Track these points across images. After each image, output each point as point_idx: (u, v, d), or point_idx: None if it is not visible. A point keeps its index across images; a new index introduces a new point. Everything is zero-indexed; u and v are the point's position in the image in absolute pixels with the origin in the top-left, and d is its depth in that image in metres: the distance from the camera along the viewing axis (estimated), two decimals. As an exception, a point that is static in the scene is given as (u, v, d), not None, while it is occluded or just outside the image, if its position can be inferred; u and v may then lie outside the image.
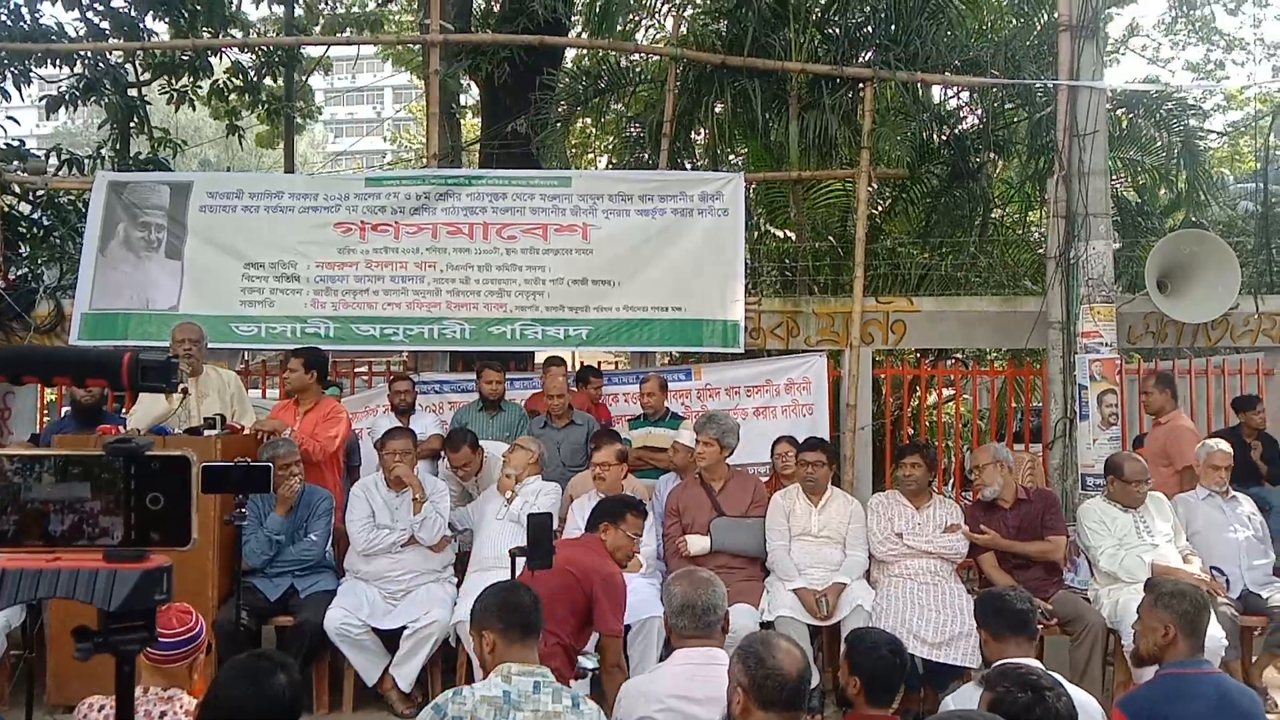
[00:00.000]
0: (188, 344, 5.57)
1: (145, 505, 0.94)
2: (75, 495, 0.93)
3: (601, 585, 4.01)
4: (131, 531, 0.94)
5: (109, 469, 0.94)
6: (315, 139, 39.79)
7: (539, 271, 7.64)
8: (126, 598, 0.89)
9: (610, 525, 4.27)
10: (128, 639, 0.92)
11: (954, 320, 7.87)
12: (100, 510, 0.93)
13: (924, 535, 5.28)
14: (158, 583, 0.92)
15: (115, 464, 0.95)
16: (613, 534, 4.26)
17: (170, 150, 10.69)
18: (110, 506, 0.93)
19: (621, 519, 4.28)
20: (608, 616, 4.00)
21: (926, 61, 8.20)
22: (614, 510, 4.34)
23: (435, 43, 7.91)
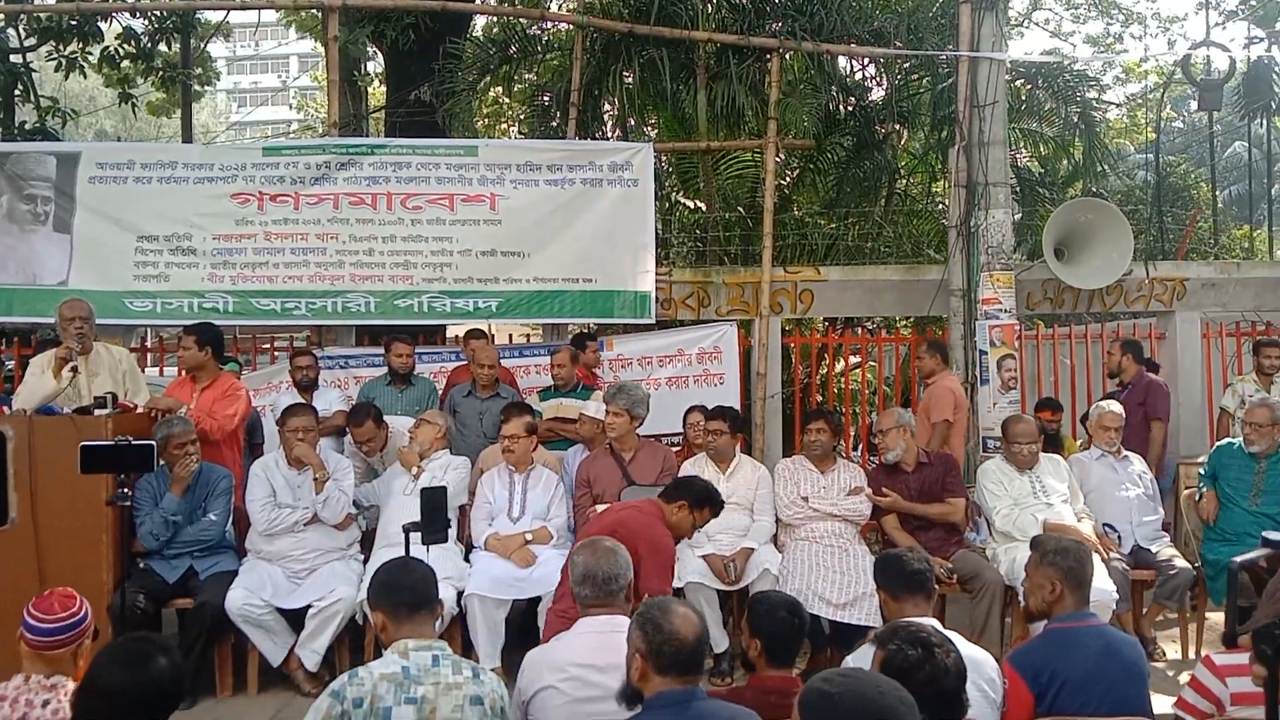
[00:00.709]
0: (78, 321, 5.35)
1: (-41, 482, 0.88)
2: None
3: (648, 547, 4.01)
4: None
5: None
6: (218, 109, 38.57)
7: (446, 243, 7.53)
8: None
9: (689, 507, 4.26)
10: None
11: (860, 289, 8.00)
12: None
13: (829, 498, 5.37)
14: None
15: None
16: (683, 515, 4.25)
17: (60, 120, 10.22)
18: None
19: (701, 509, 4.29)
20: (651, 578, 3.99)
21: (832, 32, 8.26)
22: (700, 498, 4.31)
23: (334, 7, 7.69)
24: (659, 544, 4.11)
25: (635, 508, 4.31)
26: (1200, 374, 8.19)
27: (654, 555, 4.03)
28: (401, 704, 2.65)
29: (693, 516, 4.27)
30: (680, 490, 4.34)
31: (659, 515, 4.23)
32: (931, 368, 6.74)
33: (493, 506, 5.47)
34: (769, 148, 7.85)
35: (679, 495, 4.30)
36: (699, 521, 4.32)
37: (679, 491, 4.33)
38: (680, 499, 4.27)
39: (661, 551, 4.11)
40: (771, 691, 3.03)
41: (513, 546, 5.24)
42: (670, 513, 4.24)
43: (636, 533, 4.03)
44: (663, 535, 4.16)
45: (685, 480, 4.51)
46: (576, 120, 8.03)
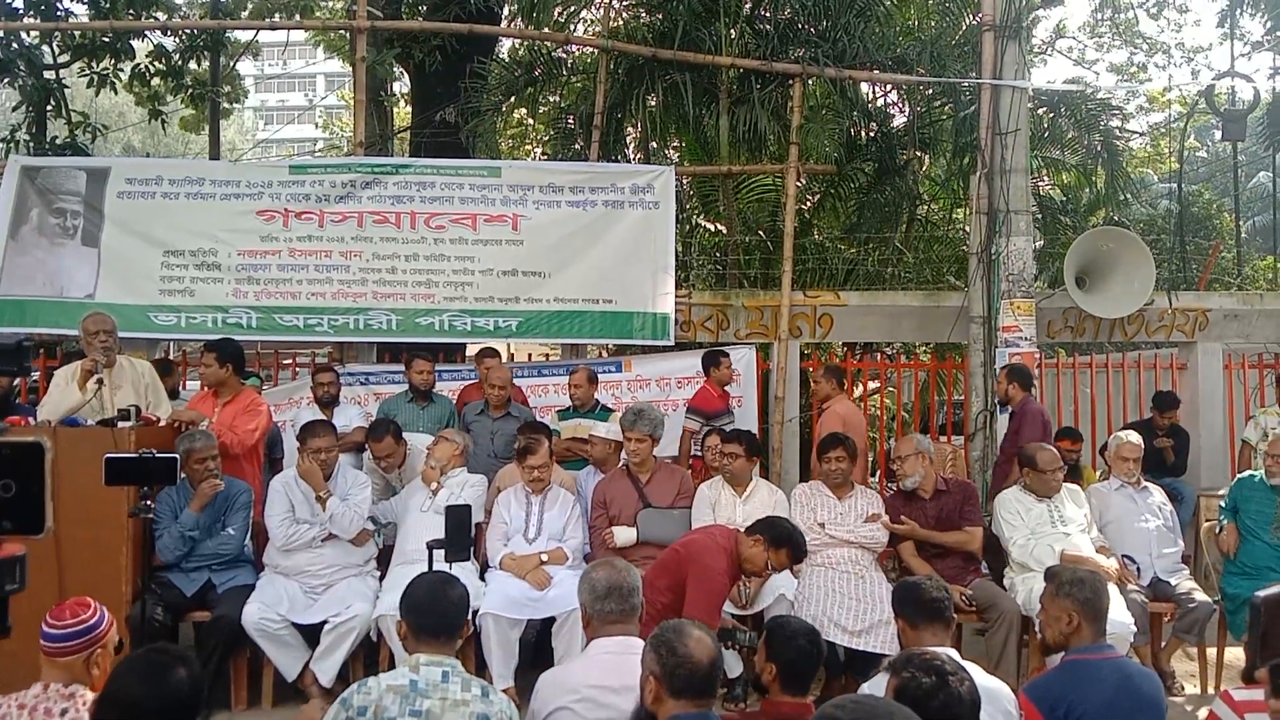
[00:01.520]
0: (102, 335, 5.41)
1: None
2: (-91, 483, 0.89)
3: (696, 573, 4.05)
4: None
5: (-47, 456, 0.91)
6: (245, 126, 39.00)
7: (468, 262, 7.57)
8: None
9: (765, 543, 4.22)
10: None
11: (879, 314, 8.00)
12: (-57, 497, 0.90)
13: (846, 525, 5.35)
14: (9, 572, 0.89)
15: (-41, 451, 0.92)
16: (757, 551, 4.21)
17: (90, 135, 10.38)
18: (-47, 493, 0.90)
19: (778, 550, 4.23)
20: (692, 604, 4.02)
21: (854, 58, 8.31)
22: (780, 538, 4.25)
23: (362, 29, 7.80)
24: (708, 572, 4.10)
25: (707, 533, 4.32)
26: (1222, 406, 8.14)
27: (699, 583, 4.03)
28: (406, 715, 2.68)
29: (768, 555, 4.20)
30: (764, 525, 4.30)
31: (726, 545, 4.20)
32: (827, 392, 6.76)
33: (509, 526, 5.48)
34: (790, 172, 7.88)
35: (759, 529, 4.26)
36: (775, 562, 4.24)
37: (762, 525, 4.29)
38: (759, 534, 4.23)
39: (707, 580, 4.09)
40: (785, 718, 3.02)
41: (528, 567, 5.24)
42: (746, 544, 4.20)
43: (692, 557, 4.07)
44: (716, 565, 4.13)
45: (775, 519, 4.44)
46: (599, 143, 8.09)
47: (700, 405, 6.83)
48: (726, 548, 4.21)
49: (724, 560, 4.18)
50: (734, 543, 4.25)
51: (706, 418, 6.70)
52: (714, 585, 4.13)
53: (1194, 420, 7.87)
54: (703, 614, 4.00)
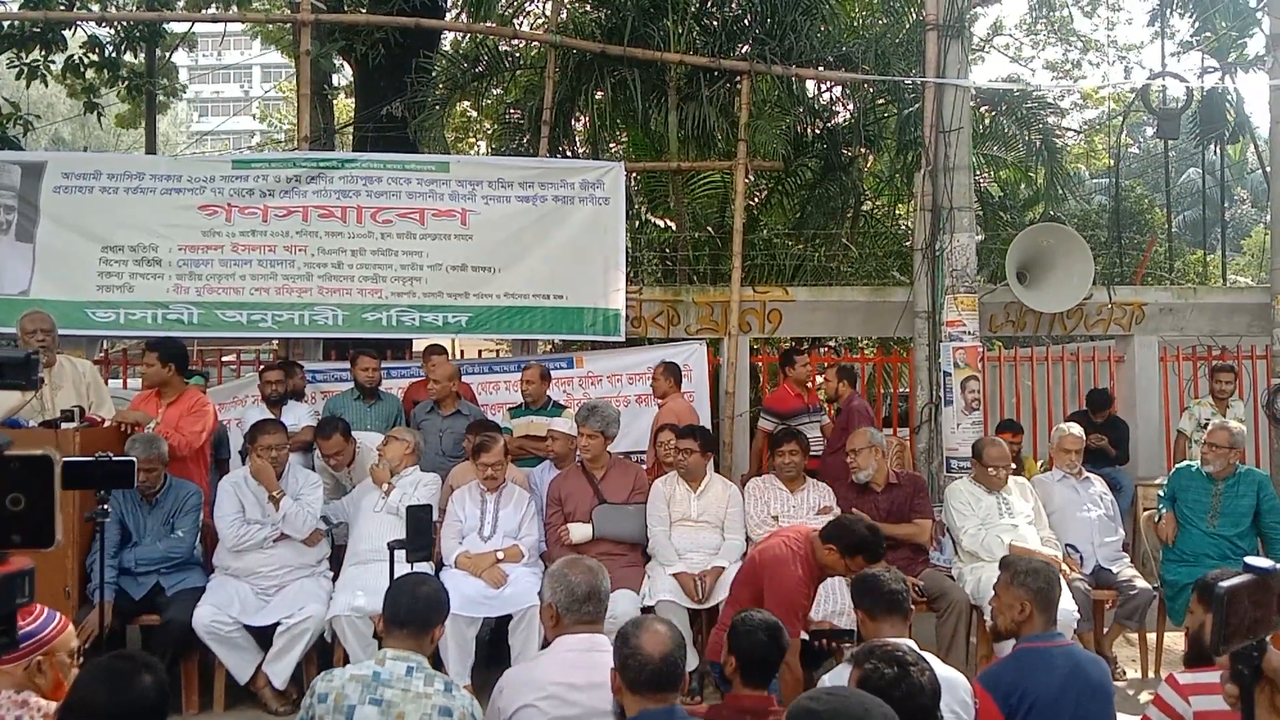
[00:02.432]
0: (40, 334, 5.28)
1: (4, 506, 0.90)
2: (-76, 496, 0.88)
3: (772, 585, 4.09)
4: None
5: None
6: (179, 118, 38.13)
7: (416, 257, 7.50)
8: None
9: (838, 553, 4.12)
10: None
11: (827, 309, 8.10)
12: (-47, 511, 0.89)
13: (798, 517, 5.41)
14: (19, 586, 0.88)
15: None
16: (835, 559, 4.13)
17: (20, 127, 10.08)
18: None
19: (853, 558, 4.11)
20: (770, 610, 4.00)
21: (801, 56, 8.38)
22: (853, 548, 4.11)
23: (306, 22, 7.67)
24: (784, 584, 4.12)
25: (785, 538, 4.30)
26: (1158, 397, 8.38)
27: (776, 595, 4.07)
28: (366, 704, 2.72)
29: (844, 562, 4.16)
30: (836, 533, 4.20)
31: (801, 552, 4.20)
32: (665, 389, 6.79)
33: (464, 525, 5.46)
34: (739, 169, 7.92)
35: (831, 538, 4.18)
36: (853, 568, 4.16)
37: (834, 534, 4.20)
38: (831, 543, 4.16)
39: (784, 592, 4.11)
40: (747, 711, 3.06)
41: (484, 565, 5.23)
42: (822, 552, 4.19)
43: (767, 566, 4.13)
44: (791, 576, 4.14)
45: (845, 526, 4.26)
46: (549, 138, 8.06)
47: (775, 405, 6.83)
48: (802, 554, 4.19)
49: (799, 569, 4.16)
50: (809, 546, 4.22)
51: (781, 417, 6.68)
52: (791, 596, 4.11)
53: (1131, 411, 8.09)
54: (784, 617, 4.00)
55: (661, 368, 6.88)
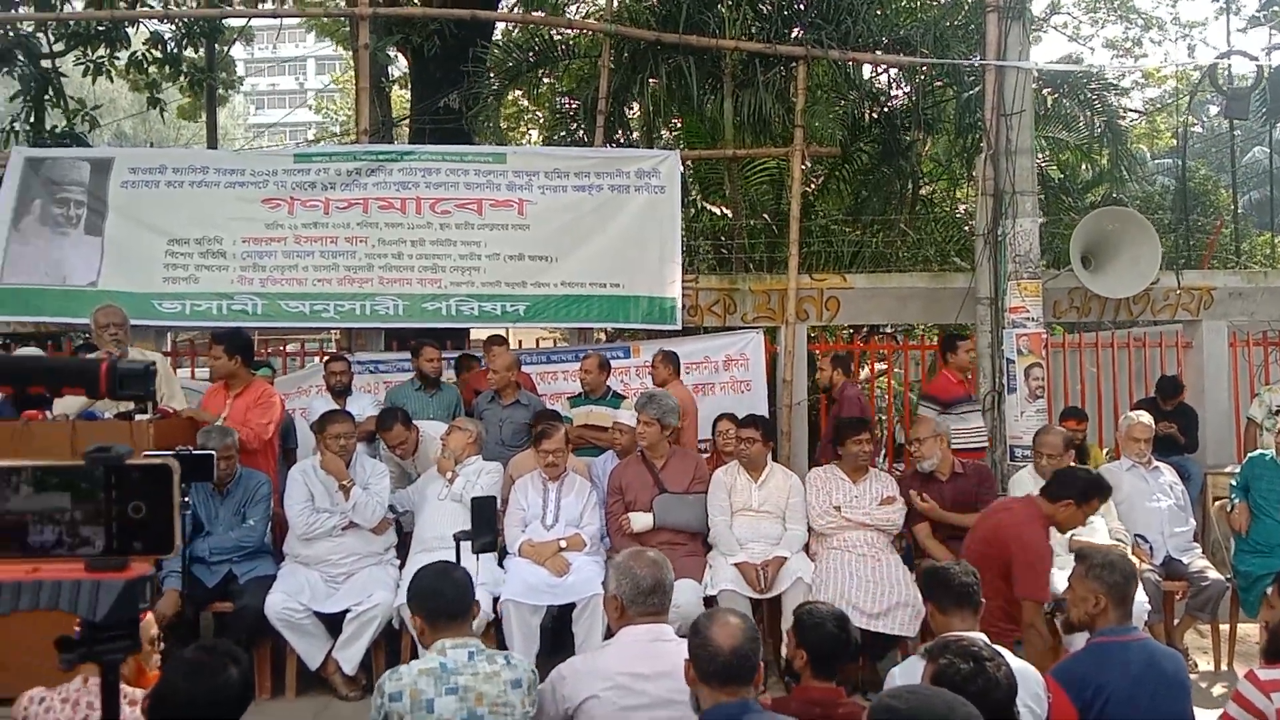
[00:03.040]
0: (113, 328, 5.41)
1: (126, 514, 0.92)
2: (55, 505, 0.91)
3: (1018, 549, 4.13)
4: (113, 541, 0.92)
5: (89, 478, 0.93)
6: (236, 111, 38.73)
7: (475, 247, 7.55)
8: (111, 608, 0.88)
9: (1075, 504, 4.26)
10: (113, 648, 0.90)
11: (886, 296, 8.01)
12: (81, 520, 0.91)
13: (861, 508, 5.39)
14: (141, 591, 0.91)
15: (95, 474, 0.93)
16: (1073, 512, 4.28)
17: (87, 123, 10.30)
18: (91, 516, 0.92)
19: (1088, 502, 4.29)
20: (1021, 580, 4.11)
21: (858, 40, 8.28)
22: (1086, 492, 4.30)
23: (364, 16, 7.74)
24: (1026, 544, 4.19)
25: (1007, 510, 4.39)
26: (1227, 383, 8.18)
27: (1028, 563, 4.13)
28: (443, 694, 2.80)
29: (1082, 510, 4.28)
30: (1064, 488, 4.32)
31: (1037, 515, 4.29)
32: (665, 377, 6.74)
33: (526, 513, 5.50)
34: (795, 155, 7.85)
35: (1063, 494, 4.29)
36: (1090, 512, 4.32)
37: (1062, 489, 4.32)
38: (1065, 497, 4.27)
39: (1029, 551, 4.18)
40: (816, 703, 3.07)
41: (547, 553, 5.27)
42: (1057, 511, 4.27)
43: (1010, 538, 4.16)
44: (1034, 535, 4.22)
45: (1067, 477, 4.42)
46: (604, 129, 8.05)
47: (936, 393, 6.76)
48: (1038, 516, 4.28)
49: (1042, 531, 4.25)
50: (1036, 509, 4.31)
51: (944, 405, 6.63)
52: (1034, 555, 4.19)
53: (1199, 398, 7.90)
54: (1035, 590, 4.12)
55: (660, 356, 6.86)
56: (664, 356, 6.82)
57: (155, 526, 0.93)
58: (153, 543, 0.93)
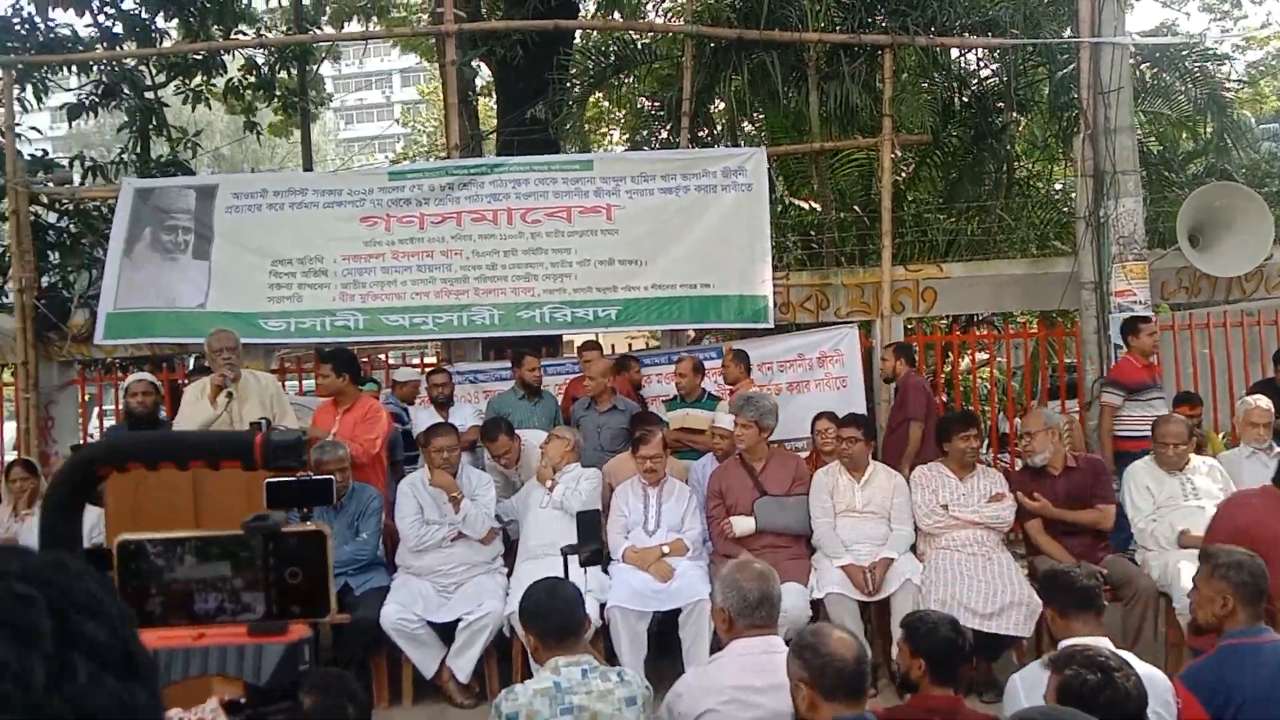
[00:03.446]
0: (226, 352, 5.60)
1: (284, 579, 0.97)
2: (217, 574, 0.95)
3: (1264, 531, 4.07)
4: (273, 606, 0.96)
5: (248, 546, 0.97)
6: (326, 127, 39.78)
7: (565, 254, 7.64)
8: (274, 671, 0.92)
9: None
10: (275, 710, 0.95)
11: (985, 285, 7.83)
12: (242, 587, 0.96)
13: (970, 506, 5.28)
14: (300, 654, 0.95)
15: (254, 542, 0.97)
16: None
17: (190, 150, 10.72)
18: (251, 583, 0.96)
19: None
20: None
21: (945, 24, 8.11)
22: None
23: (450, 33, 7.87)
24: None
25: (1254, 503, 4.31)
26: (1349, 361, 7.78)
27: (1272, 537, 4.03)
28: (558, 714, 2.80)
29: None
30: None
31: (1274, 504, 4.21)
32: (736, 375, 6.67)
33: (628, 519, 5.54)
34: (885, 145, 7.73)
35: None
36: None
37: None
38: None
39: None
40: (936, 711, 3.02)
41: (650, 559, 5.29)
42: None
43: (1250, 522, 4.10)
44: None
45: None
46: (689, 129, 8.05)
47: (1120, 377, 6.55)
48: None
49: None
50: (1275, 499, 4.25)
51: (1129, 391, 6.45)
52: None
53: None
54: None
55: (730, 354, 6.83)
56: (734, 355, 6.82)
57: (311, 591, 0.97)
58: (310, 606, 0.97)
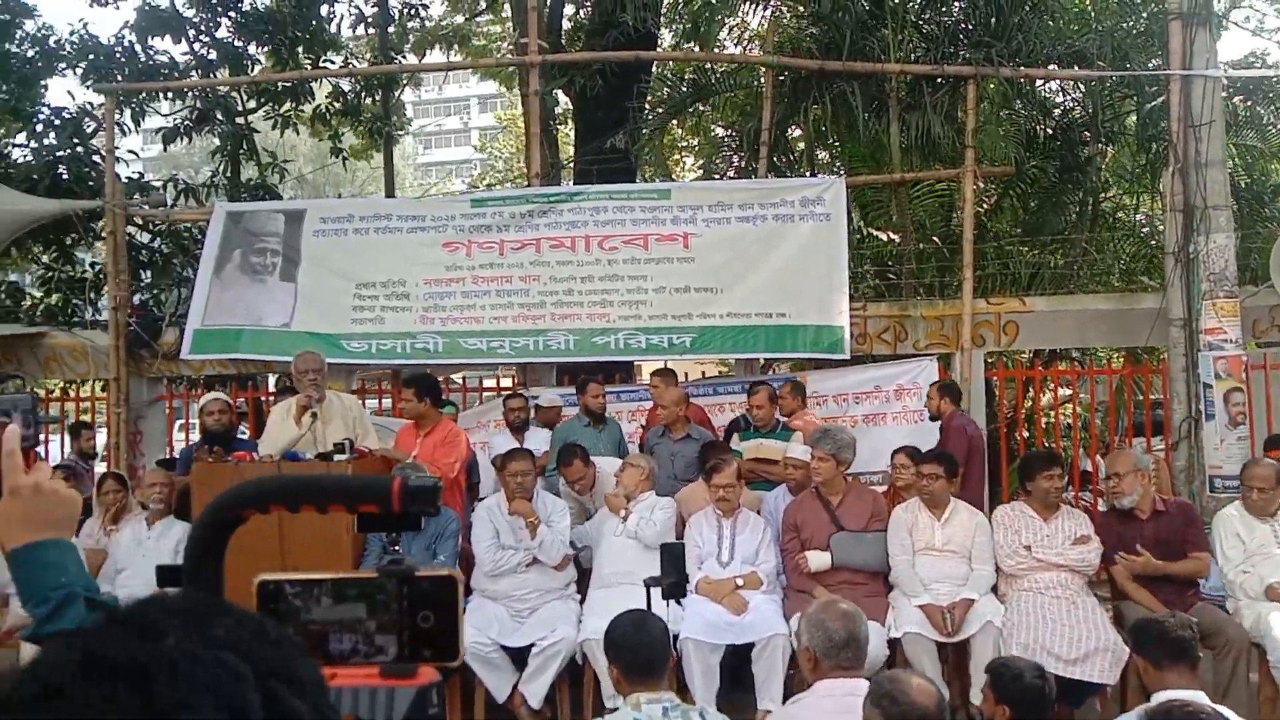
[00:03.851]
0: (311, 373, 5.73)
1: (416, 623, 0.99)
2: (352, 615, 0.98)
3: None
4: (405, 649, 0.98)
5: (383, 589, 0.99)
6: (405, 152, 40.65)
7: (641, 281, 7.68)
8: (404, 713, 0.94)
9: None
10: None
11: (1069, 319, 7.67)
12: (376, 629, 0.98)
13: (1053, 547, 5.15)
14: (430, 698, 0.97)
15: (388, 585, 1.00)
16: None
17: (278, 175, 11.04)
18: (385, 625, 0.98)
19: None
20: None
21: (1029, 55, 8.01)
22: None
23: (534, 64, 8.00)
24: None
25: None
26: None
27: None
28: None
29: None
30: None
31: None
32: (792, 407, 6.64)
33: (701, 550, 5.52)
34: (966, 176, 7.63)
35: None
36: None
37: None
38: None
39: None
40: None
41: (724, 591, 5.27)
42: None
43: None
44: None
45: None
46: (767, 159, 8.05)
47: None
48: None
49: None
50: None
51: None
52: None
53: None
54: None
55: (789, 385, 6.79)
56: (792, 386, 6.80)
57: (442, 634, 0.99)
58: (440, 650, 0.99)
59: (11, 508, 1.28)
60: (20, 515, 1.28)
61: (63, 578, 1.27)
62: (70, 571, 1.29)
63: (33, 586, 1.27)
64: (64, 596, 1.25)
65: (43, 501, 1.29)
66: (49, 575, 1.27)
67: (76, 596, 1.26)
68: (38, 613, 1.25)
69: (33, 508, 1.28)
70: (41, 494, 1.29)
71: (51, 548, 1.29)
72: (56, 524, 1.30)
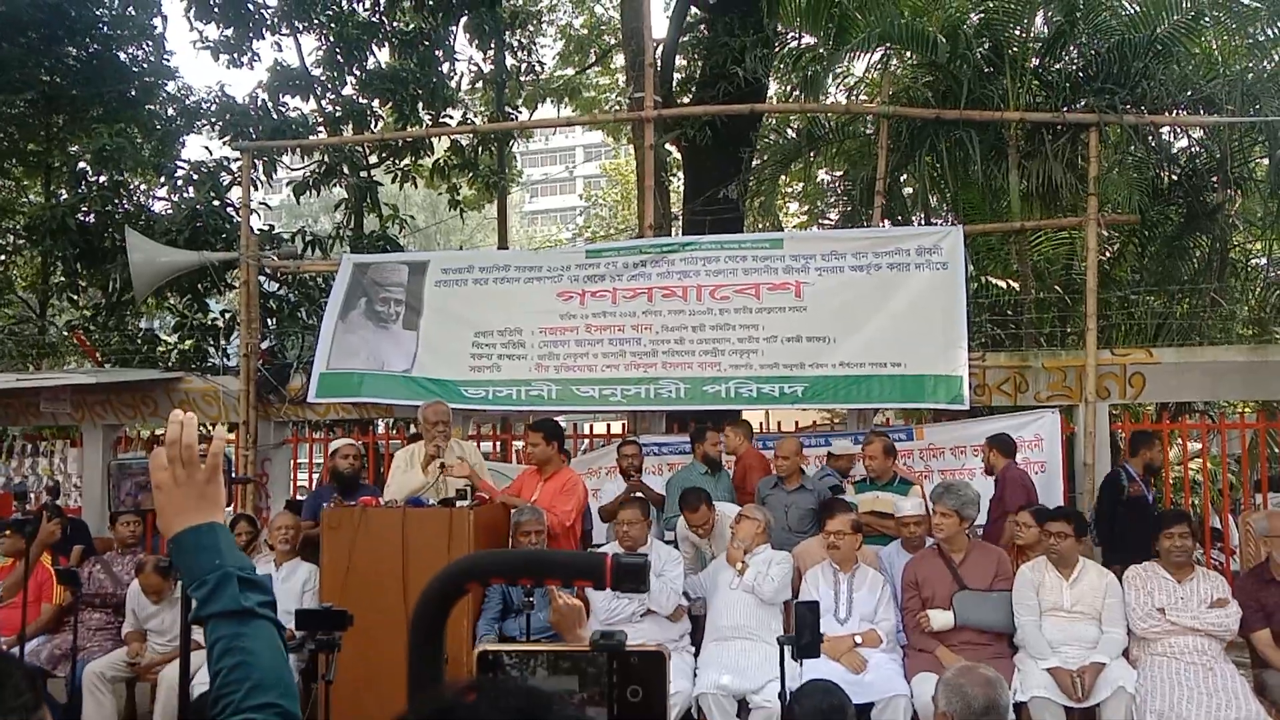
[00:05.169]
0: (441, 425, 5.92)
1: (626, 697, 1.02)
2: (565, 687, 1.02)
3: None
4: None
5: (594, 663, 1.04)
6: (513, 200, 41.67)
7: (753, 330, 7.68)
8: (613, 790, 0.98)
9: None
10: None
11: (1197, 371, 7.39)
12: (587, 701, 1.02)
13: (1189, 610, 4.95)
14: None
15: (600, 659, 1.04)
16: None
17: (399, 226, 11.43)
18: (595, 697, 1.02)
19: None
20: None
21: (1154, 101, 7.83)
22: None
23: (649, 118, 8.14)
24: None
25: None
26: None
27: None
28: None
29: None
30: None
31: None
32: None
33: (818, 605, 5.45)
34: (1090, 225, 7.44)
35: None
36: None
37: None
38: None
39: None
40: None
41: (842, 649, 5.19)
42: None
43: None
44: None
45: None
46: (882, 208, 8.01)
47: None
48: None
49: None
50: None
51: None
52: None
53: None
54: None
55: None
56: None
57: (649, 709, 1.02)
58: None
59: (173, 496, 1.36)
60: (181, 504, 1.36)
61: (216, 559, 1.33)
62: (223, 552, 1.35)
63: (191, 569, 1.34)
64: (219, 578, 1.32)
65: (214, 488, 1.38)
66: (204, 558, 1.34)
67: (230, 577, 1.32)
68: (197, 595, 1.32)
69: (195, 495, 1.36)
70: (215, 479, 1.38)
71: (205, 531, 1.36)
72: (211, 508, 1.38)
